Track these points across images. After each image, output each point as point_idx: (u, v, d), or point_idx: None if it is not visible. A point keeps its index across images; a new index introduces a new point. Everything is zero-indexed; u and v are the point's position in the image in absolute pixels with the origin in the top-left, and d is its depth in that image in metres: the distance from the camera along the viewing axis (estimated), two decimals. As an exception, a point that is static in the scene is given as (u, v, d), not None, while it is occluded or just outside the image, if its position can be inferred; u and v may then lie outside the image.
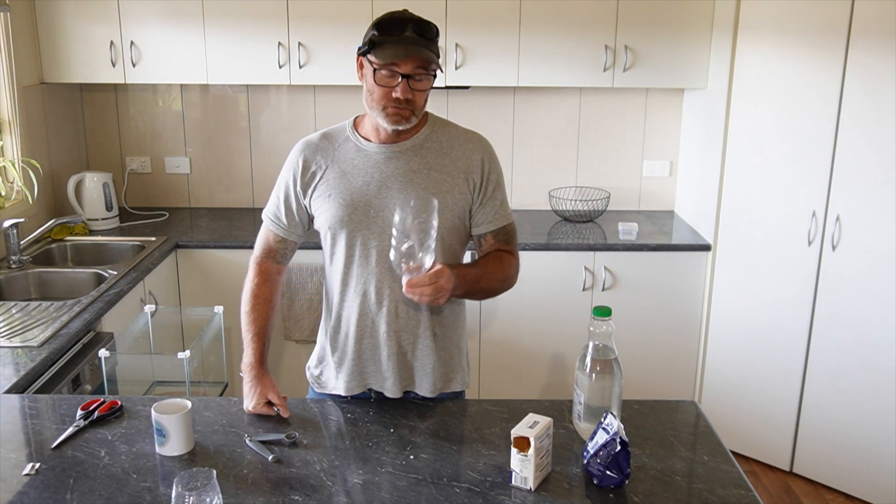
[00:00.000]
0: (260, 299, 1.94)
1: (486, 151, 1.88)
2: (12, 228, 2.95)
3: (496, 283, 1.88)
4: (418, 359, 1.89)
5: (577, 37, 3.40)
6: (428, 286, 1.65)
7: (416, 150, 1.83)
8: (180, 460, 1.63)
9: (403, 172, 1.81)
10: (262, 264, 1.97)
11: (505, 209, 1.90)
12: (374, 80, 1.73)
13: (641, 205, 3.97)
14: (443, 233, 1.80)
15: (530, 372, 3.54)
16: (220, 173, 3.91)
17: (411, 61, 1.70)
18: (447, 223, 1.82)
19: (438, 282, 1.66)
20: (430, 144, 1.84)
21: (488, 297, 1.92)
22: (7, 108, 3.20)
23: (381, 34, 1.72)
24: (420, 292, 1.66)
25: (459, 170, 1.83)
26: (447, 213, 1.81)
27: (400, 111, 1.73)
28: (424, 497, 1.51)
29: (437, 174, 1.82)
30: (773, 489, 3.25)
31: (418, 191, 1.79)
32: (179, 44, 3.40)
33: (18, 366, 2.14)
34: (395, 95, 1.71)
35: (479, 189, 1.85)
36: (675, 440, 1.73)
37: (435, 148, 1.84)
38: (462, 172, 1.83)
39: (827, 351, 3.14)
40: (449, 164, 1.83)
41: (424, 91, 1.75)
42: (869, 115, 2.89)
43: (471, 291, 1.83)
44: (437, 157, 1.83)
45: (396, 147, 1.83)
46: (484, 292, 1.87)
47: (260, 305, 1.93)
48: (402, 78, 1.70)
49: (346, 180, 1.83)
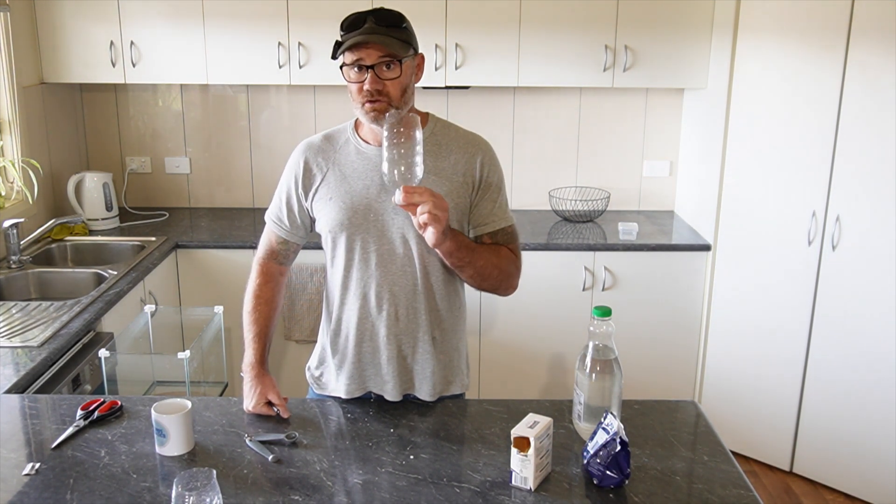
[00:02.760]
0: (262, 300, 1.94)
1: (485, 154, 1.86)
2: (12, 228, 2.95)
3: (492, 267, 1.82)
4: (418, 363, 1.89)
5: (577, 37, 3.40)
6: (424, 194, 1.61)
7: None
8: (180, 460, 1.63)
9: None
10: (265, 265, 1.97)
11: (503, 211, 1.88)
12: (347, 79, 1.74)
13: (641, 205, 3.97)
14: None
15: (530, 372, 3.54)
16: (220, 173, 3.91)
17: (373, 50, 1.68)
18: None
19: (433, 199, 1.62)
20: (429, 147, 1.82)
21: (484, 284, 1.86)
22: (7, 108, 3.20)
23: (345, 33, 1.72)
24: (417, 200, 1.61)
25: (458, 173, 1.82)
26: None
27: (374, 104, 1.71)
28: (424, 497, 1.51)
29: (437, 177, 1.80)
30: (773, 489, 3.25)
31: None
32: (179, 44, 3.40)
33: (18, 366, 2.14)
34: (366, 88, 1.70)
35: (479, 192, 1.84)
36: (675, 440, 1.73)
37: (434, 151, 1.83)
38: (461, 175, 1.82)
39: (827, 351, 3.14)
40: (448, 167, 1.82)
41: (396, 79, 1.71)
42: (869, 115, 2.89)
43: (465, 260, 1.77)
44: (436, 159, 1.82)
45: None
46: (478, 271, 1.81)
47: (262, 306, 1.93)
48: (368, 69, 1.69)
49: (346, 183, 1.83)
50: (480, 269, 1.81)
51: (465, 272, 1.82)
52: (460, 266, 1.79)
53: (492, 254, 1.84)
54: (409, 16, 1.79)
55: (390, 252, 1.82)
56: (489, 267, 1.82)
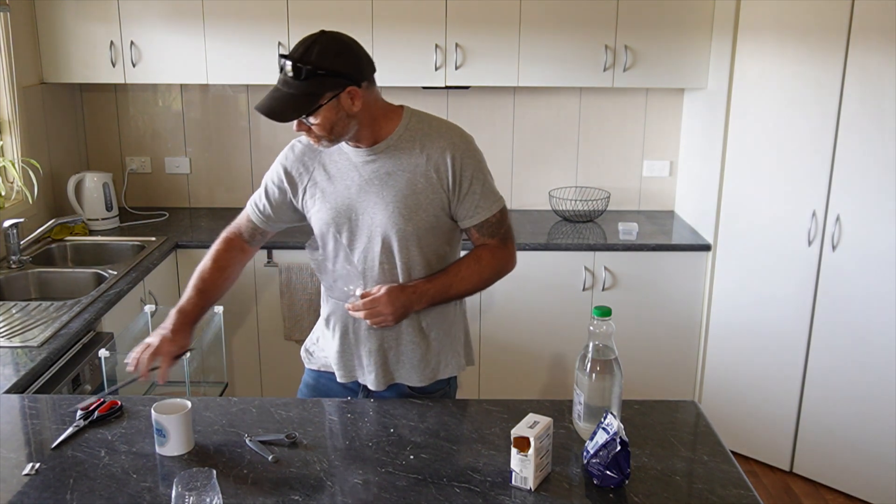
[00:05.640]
0: (217, 263, 1.99)
1: (457, 147, 1.84)
2: (12, 228, 2.95)
3: (473, 285, 1.90)
4: (404, 353, 1.92)
5: (577, 37, 3.40)
6: (363, 310, 1.80)
7: (391, 151, 1.83)
8: (180, 460, 1.63)
9: (379, 175, 1.83)
10: (230, 235, 2.04)
11: (486, 201, 1.87)
12: None
13: (641, 205, 3.97)
14: (420, 234, 1.84)
15: (530, 372, 3.54)
16: (220, 173, 3.91)
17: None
18: (424, 224, 1.83)
19: (375, 307, 1.79)
20: (403, 144, 1.83)
21: (479, 291, 1.95)
22: (7, 108, 3.20)
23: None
24: (360, 316, 1.82)
25: (432, 168, 1.82)
26: (422, 213, 1.82)
27: (308, 135, 1.78)
28: (424, 497, 1.51)
29: (411, 175, 1.82)
30: (773, 489, 3.25)
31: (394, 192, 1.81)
32: (179, 44, 3.40)
33: (18, 366, 2.14)
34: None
35: (454, 187, 1.84)
36: (675, 440, 1.73)
37: (408, 148, 1.83)
38: (434, 171, 1.82)
39: (827, 351, 3.14)
40: (423, 163, 1.82)
41: (319, 122, 1.72)
42: (869, 115, 2.89)
43: (443, 300, 1.89)
44: (409, 156, 1.83)
45: (372, 150, 1.83)
46: (463, 295, 1.92)
47: (214, 267, 1.97)
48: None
49: (332, 184, 1.88)
50: (464, 293, 1.91)
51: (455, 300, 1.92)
52: (445, 302, 1.90)
53: (470, 271, 1.89)
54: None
55: (370, 249, 1.86)
56: (470, 285, 1.90)
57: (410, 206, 1.81)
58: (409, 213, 1.81)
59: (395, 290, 1.81)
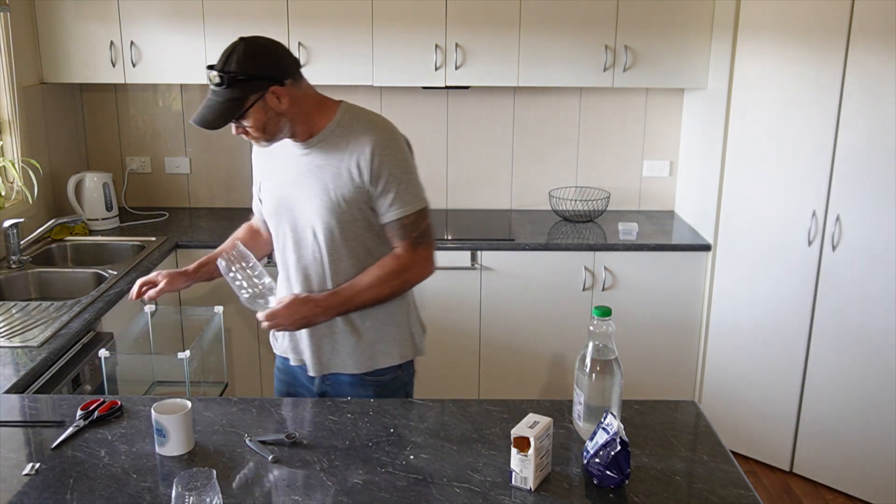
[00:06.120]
0: (244, 230, 2.20)
1: (377, 143, 1.86)
2: (12, 228, 2.95)
3: (379, 294, 1.92)
4: (338, 342, 1.97)
5: (577, 37, 3.40)
6: (264, 322, 1.85)
7: (322, 145, 1.89)
8: (180, 460, 1.63)
9: (310, 169, 1.90)
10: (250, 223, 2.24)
11: (401, 200, 1.88)
12: None
13: (641, 205, 3.97)
14: (344, 227, 1.88)
15: (530, 372, 3.54)
16: (220, 173, 3.91)
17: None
18: (348, 217, 1.88)
19: (275, 319, 1.85)
20: (334, 139, 1.89)
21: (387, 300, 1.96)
22: (7, 108, 3.20)
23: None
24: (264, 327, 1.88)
25: (354, 163, 1.86)
26: (346, 206, 1.87)
27: (251, 139, 1.88)
28: (424, 497, 1.51)
29: (335, 169, 1.88)
30: (773, 489, 3.25)
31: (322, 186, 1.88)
32: (179, 44, 3.40)
33: (18, 366, 2.14)
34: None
35: (371, 182, 1.87)
36: (675, 440, 1.73)
37: (337, 142, 1.89)
38: (355, 166, 1.86)
39: (827, 351, 3.14)
40: (346, 157, 1.87)
41: (252, 124, 1.83)
42: (869, 116, 2.89)
43: (350, 310, 1.93)
44: (336, 150, 1.88)
45: (306, 144, 1.90)
46: (372, 304, 1.94)
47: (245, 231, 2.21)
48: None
49: (275, 175, 1.98)
50: (374, 300, 1.93)
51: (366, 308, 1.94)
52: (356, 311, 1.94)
53: (376, 280, 1.91)
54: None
55: (303, 239, 1.94)
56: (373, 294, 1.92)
57: (335, 200, 1.87)
58: (333, 207, 1.87)
59: (296, 302, 1.87)
